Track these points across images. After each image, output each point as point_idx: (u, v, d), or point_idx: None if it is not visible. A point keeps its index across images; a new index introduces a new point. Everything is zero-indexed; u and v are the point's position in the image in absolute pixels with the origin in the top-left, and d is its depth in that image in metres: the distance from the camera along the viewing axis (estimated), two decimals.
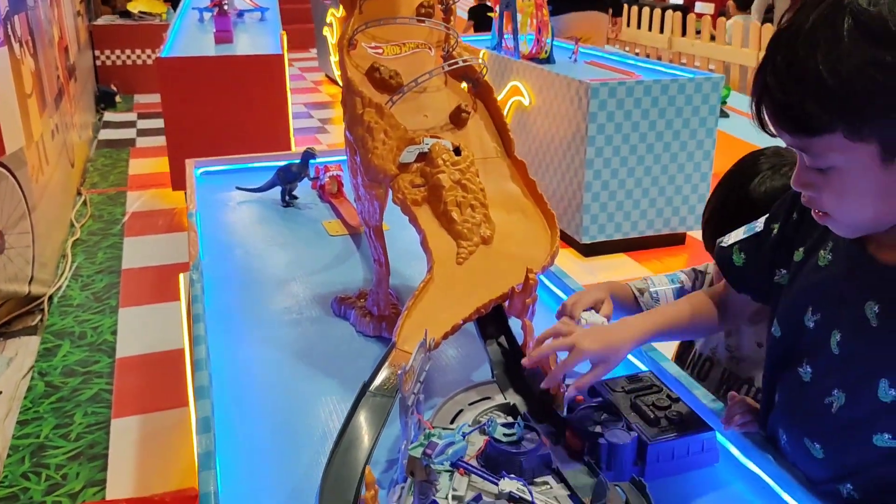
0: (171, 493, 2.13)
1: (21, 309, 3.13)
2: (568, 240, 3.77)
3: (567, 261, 3.63)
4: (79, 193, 4.53)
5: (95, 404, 2.54)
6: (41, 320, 3.12)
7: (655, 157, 3.59)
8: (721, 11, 9.20)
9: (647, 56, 7.35)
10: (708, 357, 1.40)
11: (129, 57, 7.26)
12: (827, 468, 0.93)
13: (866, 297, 0.87)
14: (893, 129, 0.75)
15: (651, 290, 1.34)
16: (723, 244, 1.10)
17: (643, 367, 1.22)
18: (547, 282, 1.53)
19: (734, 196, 1.27)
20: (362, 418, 0.93)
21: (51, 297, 3.27)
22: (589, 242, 3.67)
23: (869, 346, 0.87)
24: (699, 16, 7.63)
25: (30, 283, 3.17)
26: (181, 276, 1.75)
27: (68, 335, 2.99)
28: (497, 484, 0.88)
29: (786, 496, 0.96)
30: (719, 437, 1.03)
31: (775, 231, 1.02)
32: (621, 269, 3.62)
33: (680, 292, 1.34)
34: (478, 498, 0.82)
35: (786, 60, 0.77)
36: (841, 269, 0.92)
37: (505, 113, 4.37)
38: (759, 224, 1.06)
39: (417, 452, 0.81)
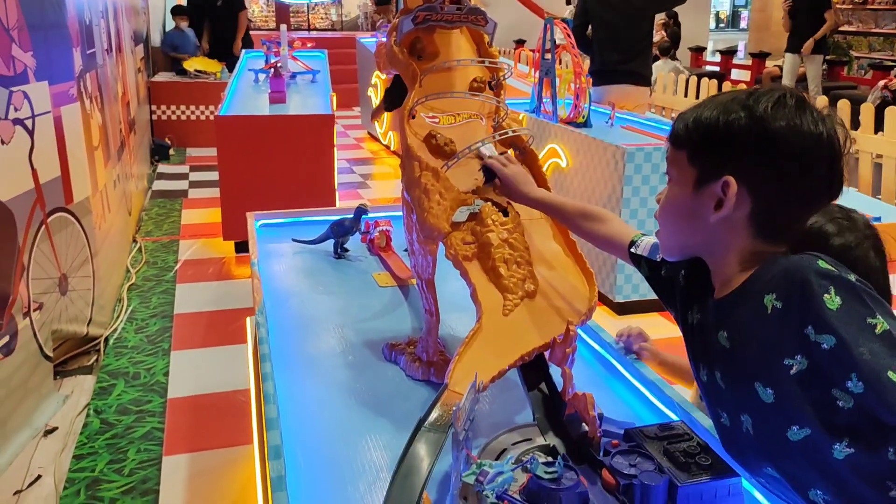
0: None
1: (78, 349, 3.29)
2: (602, 298, 3.85)
3: (601, 319, 3.70)
4: (134, 241, 4.76)
5: (148, 442, 2.66)
6: (97, 360, 3.28)
7: None
8: (757, 79, 9.35)
9: None
10: None
11: (183, 112, 7.62)
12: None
13: (718, 329, 1.04)
14: (709, 164, 0.99)
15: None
16: (634, 250, 1.29)
17: (675, 417, 1.31)
18: (584, 336, 1.63)
19: None
20: (419, 449, 1.04)
21: (106, 339, 3.43)
22: (623, 301, 3.76)
23: (732, 366, 1.03)
24: (734, 83, 7.79)
25: (88, 324, 3.34)
26: (248, 319, 1.88)
27: (123, 375, 3.14)
28: None
29: None
30: (745, 483, 1.11)
31: (673, 279, 1.18)
32: (654, 328, 3.63)
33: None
34: None
35: (716, 99, 1.03)
36: (703, 319, 1.09)
37: None
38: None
39: (471, 479, 0.91)
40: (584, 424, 1.18)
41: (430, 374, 1.48)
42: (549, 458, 1.13)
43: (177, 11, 8.38)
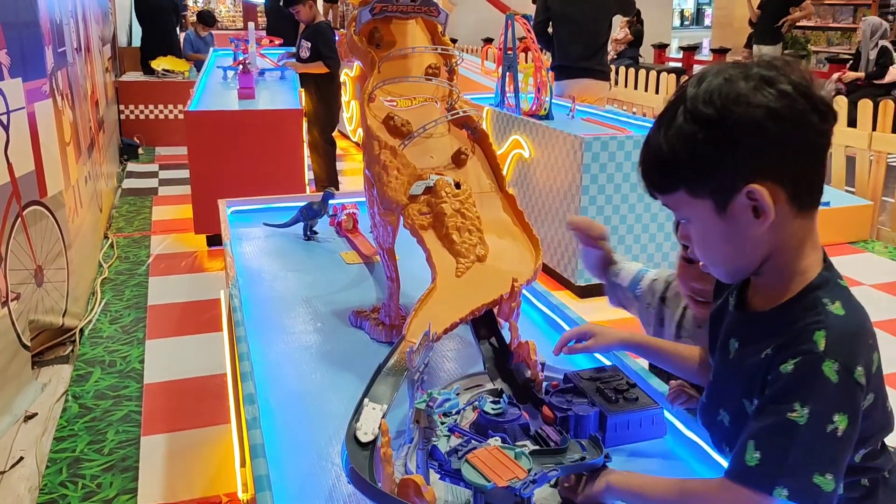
0: (196, 500, 2.33)
1: (54, 340, 3.37)
2: (564, 282, 4.01)
3: (564, 302, 3.86)
4: (106, 237, 4.82)
5: (126, 424, 2.76)
6: (72, 351, 3.36)
7: (645, 205, 3.86)
8: None
9: (644, 115, 7.69)
10: None
11: (151, 112, 7.66)
12: None
13: (731, 335, 1.07)
14: (718, 187, 0.93)
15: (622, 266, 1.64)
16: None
17: (608, 363, 1.45)
18: (534, 299, 1.78)
19: None
20: (377, 388, 1.17)
21: (81, 330, 3.51)
22: (584, 285, 3.92)
23: (729, 374, 1.07)
24: None
25: (63, 315, 3.41)
26: (222, 291, 1.99)
27: (99, 363, 3.23)
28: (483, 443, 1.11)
29: (719, 458, 1.18)
30: (667, 413, 1.26)
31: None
32: (614, 310, 3.84)
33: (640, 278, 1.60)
34: (467, 441, 1.06)
35: (646, 137, 1.00)
36: (730, 313, 1.11)
37: (506, 165, 4.65)
38: None
39: (422, 405, 1.04)
40: (527, 370, 1.32)
41: (393, 336, 1.61)
42: (496, 398, 1.28)
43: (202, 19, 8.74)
